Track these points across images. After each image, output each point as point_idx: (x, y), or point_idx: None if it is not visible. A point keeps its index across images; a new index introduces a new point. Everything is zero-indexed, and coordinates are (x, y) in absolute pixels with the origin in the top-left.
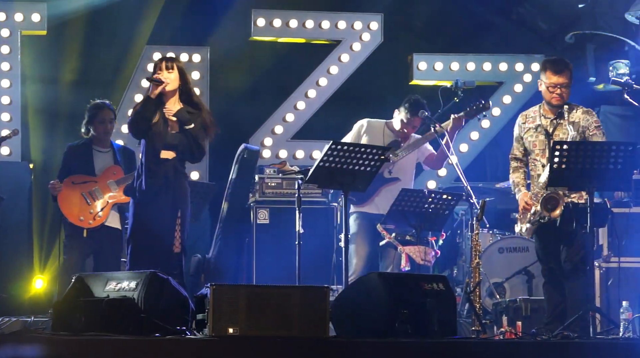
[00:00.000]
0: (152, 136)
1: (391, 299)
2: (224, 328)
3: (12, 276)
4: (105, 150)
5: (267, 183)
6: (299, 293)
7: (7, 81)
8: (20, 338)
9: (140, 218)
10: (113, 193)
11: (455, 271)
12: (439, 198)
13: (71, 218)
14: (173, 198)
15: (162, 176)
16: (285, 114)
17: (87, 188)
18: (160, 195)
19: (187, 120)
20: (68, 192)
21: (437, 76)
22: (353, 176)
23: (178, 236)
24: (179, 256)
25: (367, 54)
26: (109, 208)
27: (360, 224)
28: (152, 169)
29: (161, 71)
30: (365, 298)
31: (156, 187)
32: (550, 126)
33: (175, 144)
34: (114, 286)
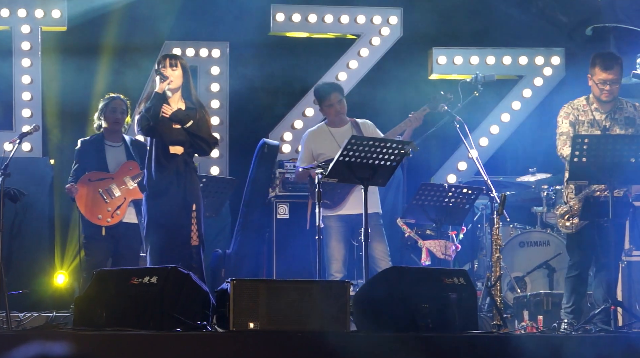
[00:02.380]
0: (160, 131)
1: (412, 293)
2: (245, 322)
3: (34, 272)
4: (117, 144)
5: (287, 177)
6: (319, 287)
7: (28, 77)
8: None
9: (154, 213)
10: (130, 190)
11: (476, 266)
12: (459, 192)
13: (89, 217)
14: (185, 191)
15: (173, 171)
16: (305, 109)
17: (103, 185)
18: (171, 189)
19: (181, 120)
20: (85, 191)
21: (456, 70)
22: (373, 170)
23: (195, 230)
24: (198, 249)
25: (387, 48)
26: (126, 205)
27: (335, 227)
28: (162, 163)
29: (165, 69)
30: (386, 292)
31: (167, 181)
32: (606, 121)
33: (182, 140)
34: (135, 281)
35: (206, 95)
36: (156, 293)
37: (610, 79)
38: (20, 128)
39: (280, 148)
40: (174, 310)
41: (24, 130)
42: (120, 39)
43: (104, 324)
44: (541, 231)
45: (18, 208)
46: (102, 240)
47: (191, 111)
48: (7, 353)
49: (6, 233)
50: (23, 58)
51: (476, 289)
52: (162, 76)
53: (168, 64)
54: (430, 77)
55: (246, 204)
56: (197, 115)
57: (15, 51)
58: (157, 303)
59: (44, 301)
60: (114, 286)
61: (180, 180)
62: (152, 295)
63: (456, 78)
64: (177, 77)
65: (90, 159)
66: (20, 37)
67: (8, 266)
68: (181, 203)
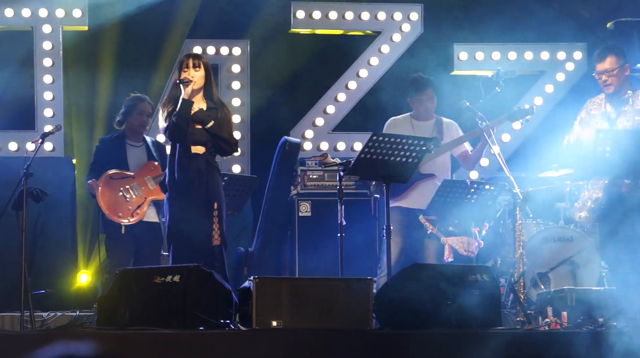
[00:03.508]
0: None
1: (435, 290)
2: (268, 321)
3: (57, 271)
4: (138, 144)
5: (308, 175)
6: (342, 285)
7: (50, 76)
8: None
9: (176, 213)
10: (151, 190)
11: (499, 262)
12: (482, 188)
13: (110, 215)
14: (207, 191)
15: (194, 170)
16: (326, 106)
17: (124, 184)
18: (193, 189)
19: (202, 120)
20: (106, 188)
21: (478, 66)
22: (395, 167)
23: (217, 229)
24: (220, 249)
25: (408, 44)
26: (146, 205)
27: (394, 219)
28: (184, 164)
29: (188, 69)
30: (409, 289)
31: (189, 181)
32: (614, 113)
33: (203, 140)
34: (158, 280)
35: (227, 93)
36: (179, 292)
37: (603, 70)
38: (42, 128)
39: (302, 145)
40: (196, 308)
41: (46, 130)
42: (141, 38)
43: (127, 323)
44: (564, 227)
45: (41, 208)
46: (123, 240)
47: (212, 111)
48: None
49: (29, 232)
50: (44, 58)
51: (499, 285)
52: (183, 82)
53: (191, 64)
54: (451, 74)
55: (268, 202)
56: (218, 115)
57: (36, 50)
58: (179, 302)
59: (68, 301)
60: (137, 286)
61: (202, 180)
62: (174, 294)
63: (478, 74)
64: (199, 77)
65: (111, 158)
66: (42, 37)
67: (31, 266)
68: (203, 202)
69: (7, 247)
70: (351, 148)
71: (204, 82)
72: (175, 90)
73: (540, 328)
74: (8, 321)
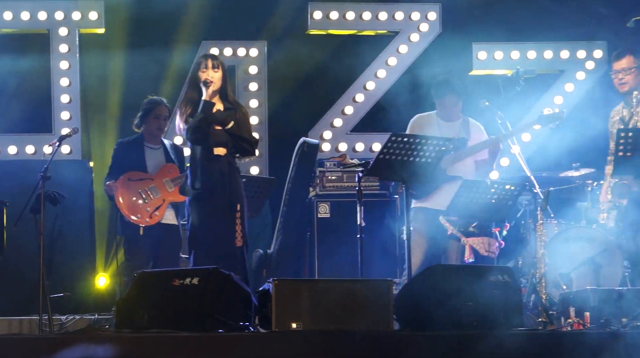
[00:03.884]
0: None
1: (455, 291)
2: (287, 323)
3: (75, 274)
4: (156, 147)
5: (327, 176)
6: (362, 287)
7: (67, 79)
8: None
9: (199, 215)
10: (169, 192)
11: (520, 262)
12: (502, 188)
13: (128, 216)
14: (230, 192)
15: (217, 172)
16: (344, 106)
17: (143, 185)
18: (217, 191)
19: (222, 121)
20: (125, 189)
21: (497, 65)
22: (414, 168)
23: (239, 230)
24: (241, 250)
25: (426, 44)
26: (164, 207)
27: (419, 219)
28: (206, 166)
29: (207, 69)
30: (429, 290)
31: (212, 183)
32: (628, 114)
33: (224, 141)
34: (177, 283)
35: (244, 94)
36: (198, 294)
37: (620, 69)
38: (60, 131)
39: (320, 146)
40: (215, 311)
41: (63, 133)
42: (157, 40)
43: (146, 326)
44: (586, 226)
45: (58, 211)
46: (142, 243)
47: (230, 111)
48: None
49: (47, 236)
50: (61, 61)
51: (521, 286)
52: (206, 84)
53: (210, 66)
54: (470, 73)
55: (287, 203)
56: (236, 115)
57: (53, 53)
58: (198, 304)
59: (86, 304)
60: (156, 288)
61: (224, 181)
62: (193, 297)
63: (497, 73)
64: (218, 79)
65: (129, 161)
66: (58, 40)
67: (49, 269)
68: (226, 204)
69: (25, 250)
70: (370, 149)
71: (221, 83)
72: (192, 91)
73: (562, 329)
74: (27, 325)
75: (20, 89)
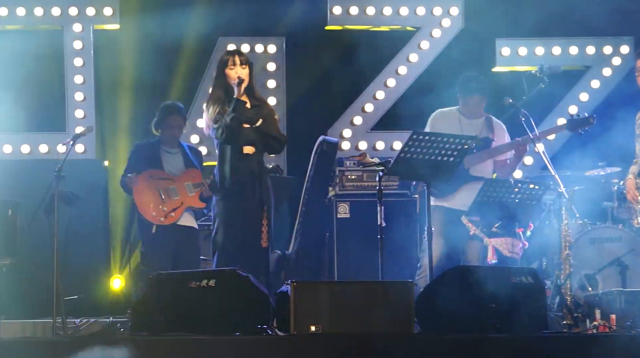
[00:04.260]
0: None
1: (478, 293)
2: (306, 325)
3: (90, 277)
4: (174, 151)
5: (347, 175)
6: (382, 288)
7: (81, 77)
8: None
9: (226, 215)
10: (189, 196)
11: (545, 263)
12: (526, 187)
13: (143, 211)
14: (260, 193)
15: (247, 172)
16: (364, 104)
17: (164, 184)
18: (246, 191)
19: (250, 119)
20: (144, 185)
21: (521, 62)
22: (435, 167)
23: (265, 231)
24: (266, 251)
25: (448, 40)
26: (182, 210)
27: (438, 218)
28: (236, 166)
29: (235, 66)
30: (451, 292)
31: (242, 183)
32: None
33: (253, 140)
34: (193, 285)
35: (262, 92)
36: (214, 296)
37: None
38: (74, 129)
39: (340, 144)
40: (233, 313)
41: (77, 131)
42: (173, 36)
43: (162, 329)
44: (612, 226)
45: (72, 212)
46: (160, 246)
47: (257, 108)
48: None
49: (61, 237)
50: (75, 58)
51: (545, 288)
52: (239, 81)
53: (238, 62)
54: (493, 70)
55: (305, 203)
56: (263, 112)
57: (66, 50)
58: (215, 306)
59: (101, 307)
60: (172, 291)
61: (254, 181)
62: (210, 299)
63: (521, 70)
64: (246, 75)
65: (145, 164)
66: (72, 36)
67: (63, 271)
68: (256, 204)
69: (39, 252)
70: (390, 147)
71: (249, 80)
72: (219, 90)
73: (588, 331)
74: (40, 328)
75: (33, 87)
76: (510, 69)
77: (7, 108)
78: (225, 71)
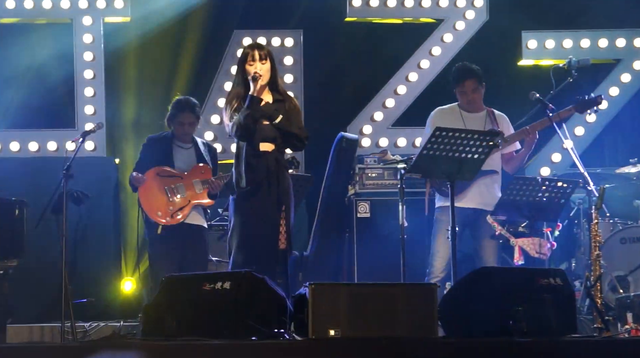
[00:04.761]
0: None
1: (504, 296)
2: (325, 330)
3: (100, 279)
4: (186, 146)
5: (367, 173)
6: (404, 291)
7: (91, 71)
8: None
9: (243, 215)
10: (196, 194)
11: (574, 265)
12: (554, 185)
13: (148, 211)
14: (277, 191)
15: (264, 170)
16: (385, 99)
17: (171, 183)
18: (263, 189)
19: (270, 116)
20: (151, 184)
21: (548, 55)
22: (459, 164)
23: (283, 232)
24: (284, 254)
25: (472, 33)
26: (188, 209)
27: (446, 220)
28: (252, 163)
29: (254, 62)
30: (476, 295)
31: (258, 182)
32: None
33: (272, 137)
34: (207, 287)
35: None
36: (229, 299)
37: None
38: (83, 126)
39: (360, 141)
40: (248, 317)
41: (86, 128)
42: (187, 29)
43: (174, 333)
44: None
45: (82, 211)
46: (167, 245)
47: (279, 103)
48: None
49: (70, 238)
50: (85, 52)
51: (574, 290)
52: (255, 78)
53: (257, 57)
54: (519, 64)
55: (324, 202)
56: (285, 108)
57: (76, 44)
58: (230, 310)
59: (111, 310)
60: (185, 293)
61: (271, 179)
62: (225, 302)
63: (548, 64)
64: (266, 71)
65: (156, 159)
66: (82, 30)
67: (72, 273)
68: (273, 203)
69: (47, 253)
70: (412, 144)
71: (270, 75)
72: (239, 86)
73: (619, 335)
74: (48, 332)
75: (42, 82)
76: (537, 62)
77: (15, 104)
78: (245, 66)
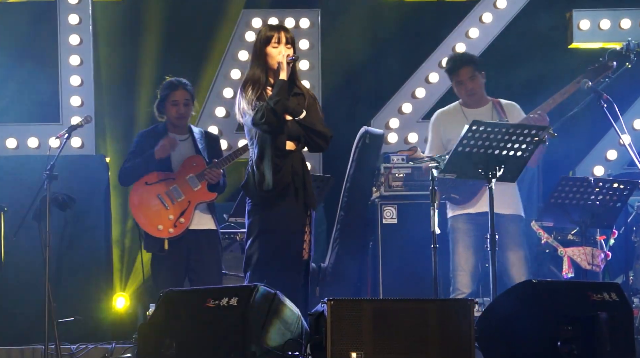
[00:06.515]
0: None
1: (551, 313)
2: (346, 352)
3: (89, 294)
4: (183, 137)
5: (394, 173)
6: (436, 307)
7: (77, 57)
8: None
9: (266, 222)
10: (195, 192)
11: (631, 278)
12: (609, 187)
13: (148, 228)
14: (304, 195)
15: (289, 171)
16: (415, 89)
17: (163, 188)
18: (288, 193)
19: (293, 111)
20: (141, 196)
21: (603, 37)
22: (499, 163)
23: (308, 240)
24: (307, 264)
25: (515, 12)
26: (191, 210)
27: (463, 229)
28: (277, 164)
29: (279, 44)
30: (519, 312)
31: (284, 185)
32: None
33: (296, 134)
34: (211, 304)
35: None
36: (237, 317)
37: None
38: (69, 120)
39: (386, 137)
40: (259, 338)
41: (73, 122)
42: (187, 10)
43: (174, 356)
44: None
45: (68, 217)
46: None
47: (299, 97)
48: None
49: (54, 248)
50: (71, 35)
51: (632, 307)
52: (293, 59)
53: (284, 41)
54: (570, 47)
55: (344, 207)
56: (305, 103)
57: (60, 26)
58: (238, 329)
59: (101, 330)
60: (186, 311)
61: (297, 181)
62: (232, 320)
63: (603, 46)
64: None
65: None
66: (67, 9)
67: (57, 288)
68: (299, 208)
69: (28, 266)
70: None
71: None
72: (258, 69)
73: None
74: (29, 355)
75: (21, 70)
76: (590, 45)
77: None
78: (267, 49)
